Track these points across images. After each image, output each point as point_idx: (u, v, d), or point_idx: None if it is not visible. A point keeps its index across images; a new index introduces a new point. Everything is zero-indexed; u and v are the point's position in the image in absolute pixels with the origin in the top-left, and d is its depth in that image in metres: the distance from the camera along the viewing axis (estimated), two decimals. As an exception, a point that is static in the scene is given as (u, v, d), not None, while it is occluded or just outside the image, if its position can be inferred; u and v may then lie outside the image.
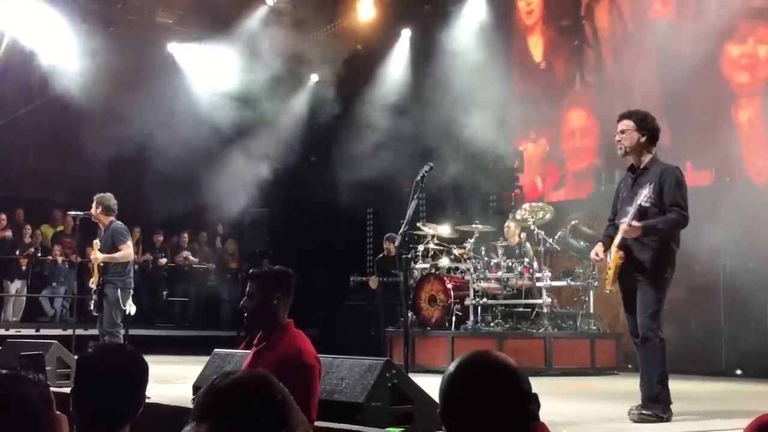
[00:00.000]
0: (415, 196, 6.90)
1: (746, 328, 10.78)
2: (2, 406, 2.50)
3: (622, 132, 6.33)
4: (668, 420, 6.01)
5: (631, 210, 6.22)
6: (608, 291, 6.58)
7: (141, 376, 2.97)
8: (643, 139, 6.29)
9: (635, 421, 6.00)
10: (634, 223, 6.19)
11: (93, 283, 8.84)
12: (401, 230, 6.82)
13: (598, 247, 6.52)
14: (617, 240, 6.27)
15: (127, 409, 2.90)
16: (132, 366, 2.95)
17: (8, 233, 15.22)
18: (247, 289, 4.58)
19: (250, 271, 4.87)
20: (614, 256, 6.29)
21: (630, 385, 9.46)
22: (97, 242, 8.88)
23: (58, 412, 2.90)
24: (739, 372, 10.58)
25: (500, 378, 2.05)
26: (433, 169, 7.21)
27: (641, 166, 6.35)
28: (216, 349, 6.74)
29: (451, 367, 2.09)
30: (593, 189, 13.33)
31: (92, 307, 8.83)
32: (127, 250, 8.90)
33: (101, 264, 8.74)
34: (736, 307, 11.00)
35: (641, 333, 6.21)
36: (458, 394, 2.04)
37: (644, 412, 6.03)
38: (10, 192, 16.03)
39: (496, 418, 2.00)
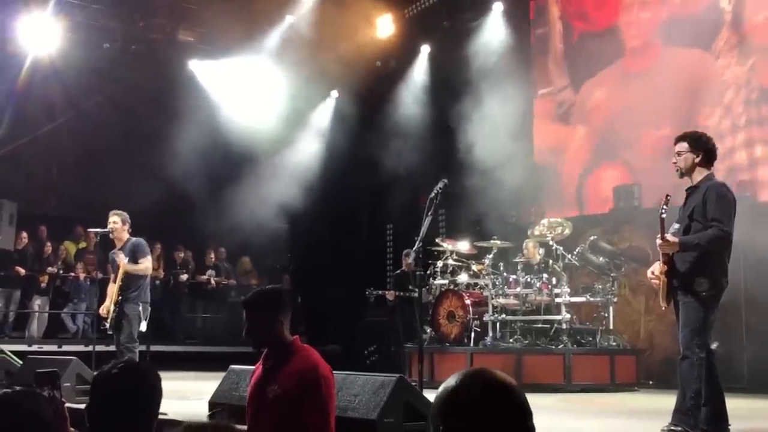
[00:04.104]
0: (430, 213, 6.90)
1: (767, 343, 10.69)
2: (15, 422, 2.55)
3: (679, 154, 6.39)
4: None
5: (676, 226, 6.27)
6: (663, 308, 6.52)
7: (154, 394, 2.99)
8: (698, 159, 6.33)
9: None
10: (670, 237, 6.21)
11: (108, 306, 8.85)
12: (415, 246, 6.83)
13: (655, 266, 6.49)
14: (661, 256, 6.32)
15: (140, 427, 2.94)
16: (145, 384, 2.98)
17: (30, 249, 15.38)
18: (245, 318, 4.35)
19: (242, 299, 4.54)
20: (661, 272, 6.31)
21: (650, 402, 9.45)
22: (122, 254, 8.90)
23: (72, 429, 2.95)
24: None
25: (500, 395, 2.06)
26: (447, 185, 7.22)
27: (693, 185, 6.39)
28: (231, 366, 6.77)
29: (451, 382, 2.10)
30: (613, 204, 13.29)
31: (107, 326, 8.86)
32: (148, 264, 8.96)
33: (122, 282, 8.77)
34: (757, 322, 10.92)
35: (681, 350, 6.22)
36: (457, 410, 2.06)
37: (673, 428, 6.02)
38: (33, 209, 16.19)
39: (495, 435, 2.02)
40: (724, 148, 11.18)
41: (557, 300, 11.35)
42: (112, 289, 8.95)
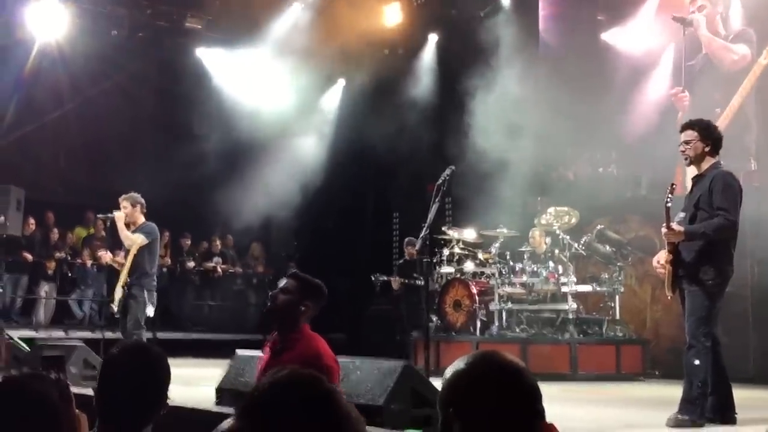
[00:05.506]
0: (437, 200, 6.89)
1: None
2: (21, 403, 2.55)
3: (687, 143, 6.40)
4: (701, 425, 6.00)
5: (682, 215, 6.28)
6: (669, 297, 6.54)
7: (163, 376, 3.00)
8: (707, 149, 6.37)
9: (671, 426, 5.98)
10: (675, 226, 6.21)
11: (117, 293, 8.86)
12: (422, 234, 6.81)
13: (660, 255, 6.52)
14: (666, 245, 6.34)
15: (149, 409, 2.93)
16: (155, 366, 2.98)
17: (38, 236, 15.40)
18: (283, 283, 4.56)
19: (293, 271, 4.88)
20: (666, 261, 6.31)
21: (655, 392, 9.45)
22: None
23: (77, 411, 2.94)
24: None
25: (508, 377, 2.06)
26: (454, 172, 7.20)
27: (699, 173, 6.43)
28: (238, 351, 6.77)
29: (461, 365, 2.10)
30: (619, 193, 13.24)
31: (115, 310, 8.87)
32: (138, 239, 8.86)
33: (131, 265, 8.77)
34: (764, 312, 10.89)
35: (687, 339, 6.24)
36: (467, 393, 2.06)
37: (680, 416, 6.03)
38: (41, 195, 16.18)
39: (504, 417, 2.02)
40: None
41: (563, 289, 11.35)
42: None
